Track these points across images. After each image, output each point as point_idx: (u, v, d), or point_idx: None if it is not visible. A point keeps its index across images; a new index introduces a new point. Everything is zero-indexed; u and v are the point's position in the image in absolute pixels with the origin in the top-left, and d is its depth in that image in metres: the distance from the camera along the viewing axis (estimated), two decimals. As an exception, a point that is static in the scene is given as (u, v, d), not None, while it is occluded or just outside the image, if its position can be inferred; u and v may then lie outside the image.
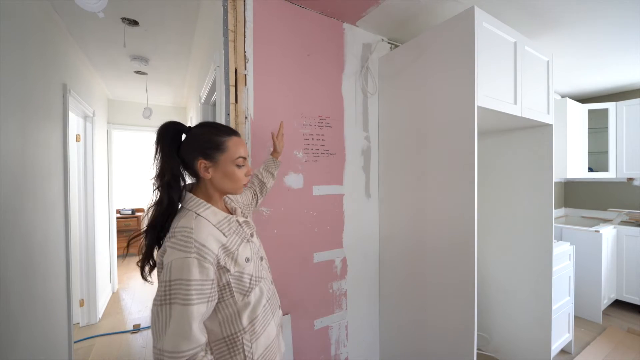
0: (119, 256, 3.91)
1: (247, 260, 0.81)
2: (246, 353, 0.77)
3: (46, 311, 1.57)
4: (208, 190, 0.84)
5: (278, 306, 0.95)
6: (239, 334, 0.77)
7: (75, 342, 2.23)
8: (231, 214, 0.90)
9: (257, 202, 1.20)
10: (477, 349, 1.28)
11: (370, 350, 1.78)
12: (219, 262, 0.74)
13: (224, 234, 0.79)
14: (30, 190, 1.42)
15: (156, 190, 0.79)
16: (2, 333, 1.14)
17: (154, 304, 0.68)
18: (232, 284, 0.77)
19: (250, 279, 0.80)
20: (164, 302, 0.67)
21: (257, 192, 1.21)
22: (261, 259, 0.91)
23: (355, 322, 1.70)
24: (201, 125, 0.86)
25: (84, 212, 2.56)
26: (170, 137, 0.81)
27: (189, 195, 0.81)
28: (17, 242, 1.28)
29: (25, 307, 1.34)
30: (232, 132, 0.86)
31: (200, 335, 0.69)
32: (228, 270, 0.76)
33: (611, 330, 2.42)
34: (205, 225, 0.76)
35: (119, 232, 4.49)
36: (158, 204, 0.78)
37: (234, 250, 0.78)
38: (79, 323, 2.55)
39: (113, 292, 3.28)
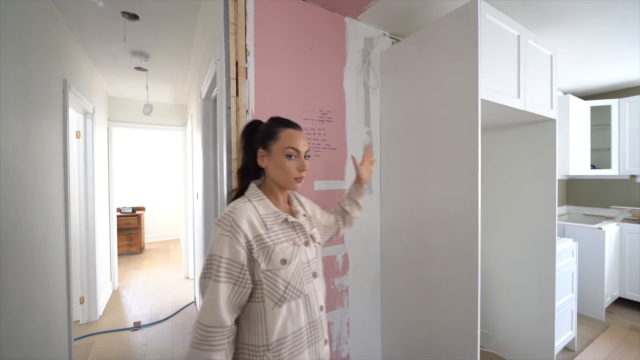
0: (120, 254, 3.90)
1: (284, 262, 0.75)
2: None
3: (46, 308, 1.56)
4: (268, 184, 0.87)
5: (323, 340, 0.83)
6: (261, 349, 0.72)
7: (75, 340, 2.22)
8: (292, 214, 0.88)
9: (338, 231, 1.14)
10: (480, 346, 1.27)
11: (372, 347, 1.77)
12: (251, 253, 0.73)
13: (265, 226, 0.77)
14: (29, 187, 1.41)
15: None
16: (2, 330, 1.13)
17: (200, 277, 0.74)
18: (264, 284, 0.73)
19: (286, 288, 0.74)
20: (204, 275, 0.72)
21: (339, 220, 1.14)
22: (314, 274, 0.83)
23: (357, 318, 1.69)
24: (269, 119, 0.91)
25: (84, 209, 2.55)
26: (248, 133, 0.89)
27: (252, 185, 0.86)
28: (17, 239, 1.27)
29: (24, 304, 1.32)
30: (290, 125, 0.86)
31: (226, 317, 0.68)
32: (259, 265, 0.73)
33: (614, 327, 2.40)
34: (249, 210, 0.77)
35: (119, 230, 4.49)
36: (233, 190, 0.89)
37: (269, 245, 0.75)
38: (79, 320, 2.54)
39: (113, 290, 3.28)
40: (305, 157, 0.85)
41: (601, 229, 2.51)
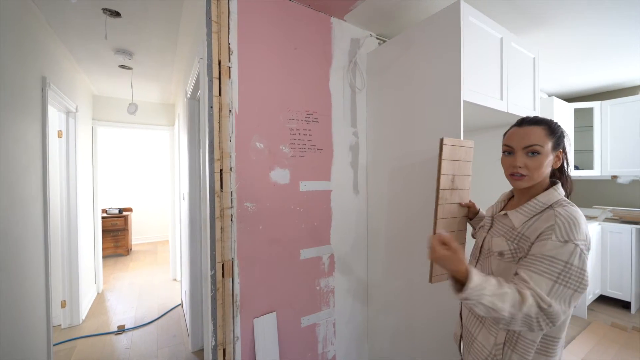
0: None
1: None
2: None
3: (23, 312, 1.51)
4: None
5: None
6: None
7: (55, 345, 2.16)
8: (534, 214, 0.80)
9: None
10: (463, 344, 1.26)
11: (359, 348, 1.76)
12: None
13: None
14: (4, 186, 1.36)
15: None
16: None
17: None
18: None
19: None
20: None
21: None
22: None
23: (343, 319, 1.69)
24: None
25: (66, 210, 2.48)
26: None
27: None
28: (-11, 240, 1.23)
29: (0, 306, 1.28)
30: (519, 123, 0.86)
31: None
32: None
33: (596, 324, 2.46)
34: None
35: (105, 231, 4.39)
36: None
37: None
38: (60, 325, 2.47)
39: (98, 293, 3.20)
40: (530, 153, 0.80)
41: (583, 228, 2.56)
